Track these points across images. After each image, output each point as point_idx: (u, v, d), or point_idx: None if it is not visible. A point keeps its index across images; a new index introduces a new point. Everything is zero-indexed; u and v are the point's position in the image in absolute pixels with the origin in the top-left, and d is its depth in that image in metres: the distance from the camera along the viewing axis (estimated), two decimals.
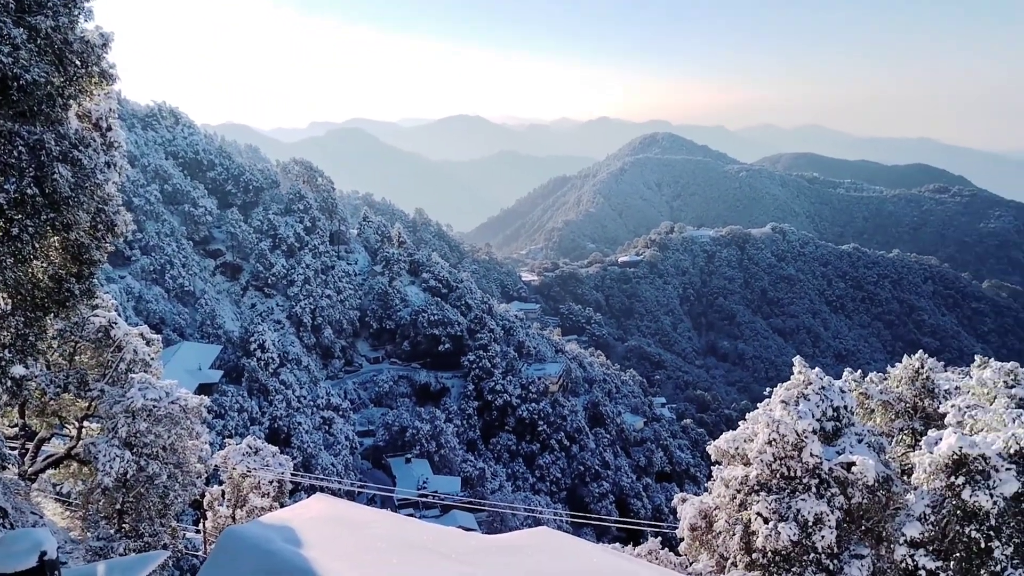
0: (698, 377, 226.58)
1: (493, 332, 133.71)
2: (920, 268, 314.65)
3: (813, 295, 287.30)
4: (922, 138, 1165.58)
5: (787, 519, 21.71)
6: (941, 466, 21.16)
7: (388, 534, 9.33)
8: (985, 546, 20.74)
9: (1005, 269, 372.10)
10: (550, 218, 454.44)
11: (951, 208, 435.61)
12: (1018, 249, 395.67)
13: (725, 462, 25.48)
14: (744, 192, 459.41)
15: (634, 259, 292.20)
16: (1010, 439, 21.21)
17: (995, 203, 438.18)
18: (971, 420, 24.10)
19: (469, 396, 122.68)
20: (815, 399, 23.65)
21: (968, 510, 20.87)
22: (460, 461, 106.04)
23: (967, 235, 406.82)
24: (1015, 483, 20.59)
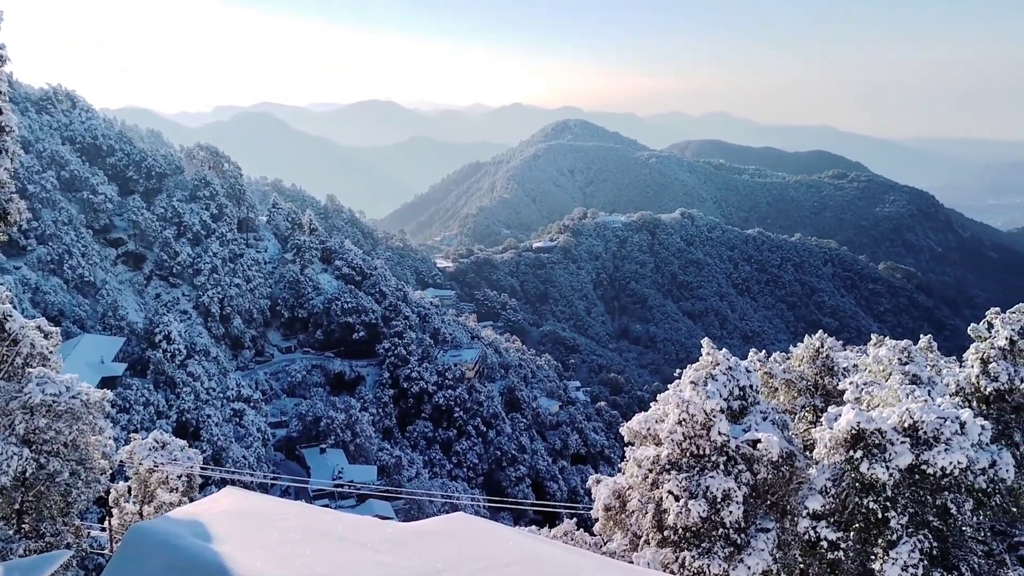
0: (612, 360, 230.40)
1: (408, 319, 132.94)
2: (820, 251, 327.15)
3: (721, 278, 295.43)
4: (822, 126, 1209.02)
5: (697, 496, 22.35)
6: (840, 441, 22.10)
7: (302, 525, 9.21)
8: (882, 516, 21.79)
9: (899, 251, 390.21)
10: (464, 204, 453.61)
11: (849, 193, 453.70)
12: (911, 232, 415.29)
13: (638, 443, 26.01)
14: (654, 178, 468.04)
15: (548, 245, 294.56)
16: (904, 414, 22.29)
17: (890, 188, 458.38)
18: (868, 396, 25.26)
19: (385, 384, 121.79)
20: (723, 379, 24.33)
21: (866, 482, 21.88)
22: (376, 450, 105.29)
23: (864, 219, 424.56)
24: (909, 455, 21.67)
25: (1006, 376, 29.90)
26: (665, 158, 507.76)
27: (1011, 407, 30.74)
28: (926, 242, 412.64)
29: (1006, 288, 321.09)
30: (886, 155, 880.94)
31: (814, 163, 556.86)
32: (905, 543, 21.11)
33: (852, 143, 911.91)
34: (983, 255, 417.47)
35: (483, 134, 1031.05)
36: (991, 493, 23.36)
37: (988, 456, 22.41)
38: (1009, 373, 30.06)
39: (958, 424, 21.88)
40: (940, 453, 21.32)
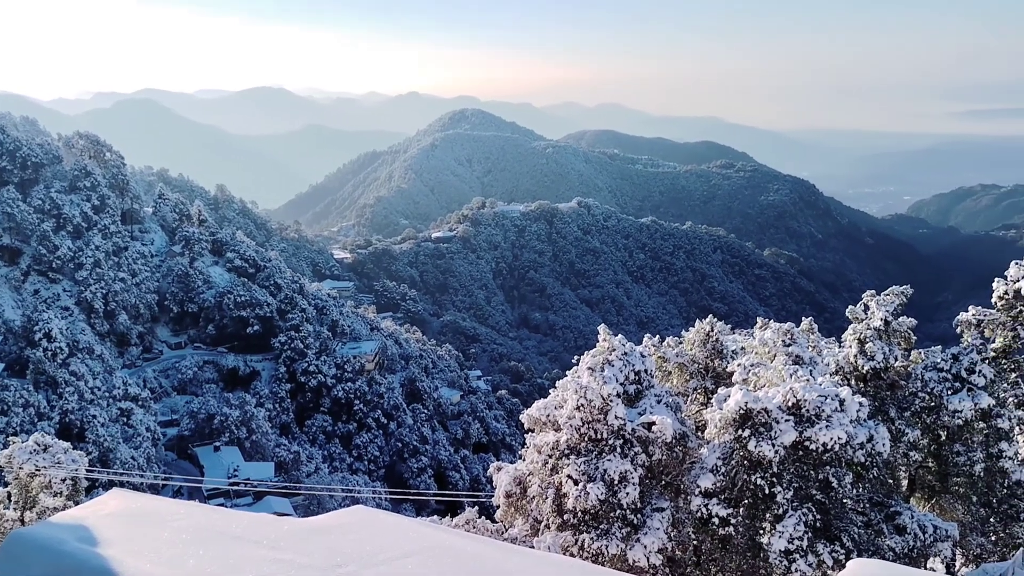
0: (512, 349, 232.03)
1: (305, 312, 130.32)
2: (710, 239, 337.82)
3: (617, 266, 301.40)
4: (710, 117, 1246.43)
5: (595, 479, 22.82)
6: (730, 421, 22.95)
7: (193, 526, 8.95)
8: (769, 492, 22.77)
9: (783, 238, 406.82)
10: (361, 194, 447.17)
11: (736, 183, 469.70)
12: (794, 219, 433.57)
13: (537, 429, 26.34)
14: (551, 168, 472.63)
15: (447, 235, 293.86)
16: (788, 393, 23.33)
17: (774, 178, 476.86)
18: (755, 377, 26.31)
19: (281, 379, 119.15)
20: (619, 364, 24.87)
21: (754, 460, 22.81)
22: (273, 446, 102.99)
23: (750, 207, 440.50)
24: (793, 433, 22.70)
25: (881, 355, 31.67)
26: (562, 148, 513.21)
27: (886, 384, 32.60)
28: (807, 229, 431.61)
29: (881, 272, 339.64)
30: (770, 146, 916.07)
31: (703, 153, 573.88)
32: (791, 516, 22.13)
33: (739, 134, 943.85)
34: (860, 241, 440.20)
35: (380, 123, 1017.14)
36: (869, 466, 24.76)
37: (866, 431, 23.71)
38: (884, 352, 31.86)
39: (838, 402, 23.06)
40: (822, 430, 22.41)
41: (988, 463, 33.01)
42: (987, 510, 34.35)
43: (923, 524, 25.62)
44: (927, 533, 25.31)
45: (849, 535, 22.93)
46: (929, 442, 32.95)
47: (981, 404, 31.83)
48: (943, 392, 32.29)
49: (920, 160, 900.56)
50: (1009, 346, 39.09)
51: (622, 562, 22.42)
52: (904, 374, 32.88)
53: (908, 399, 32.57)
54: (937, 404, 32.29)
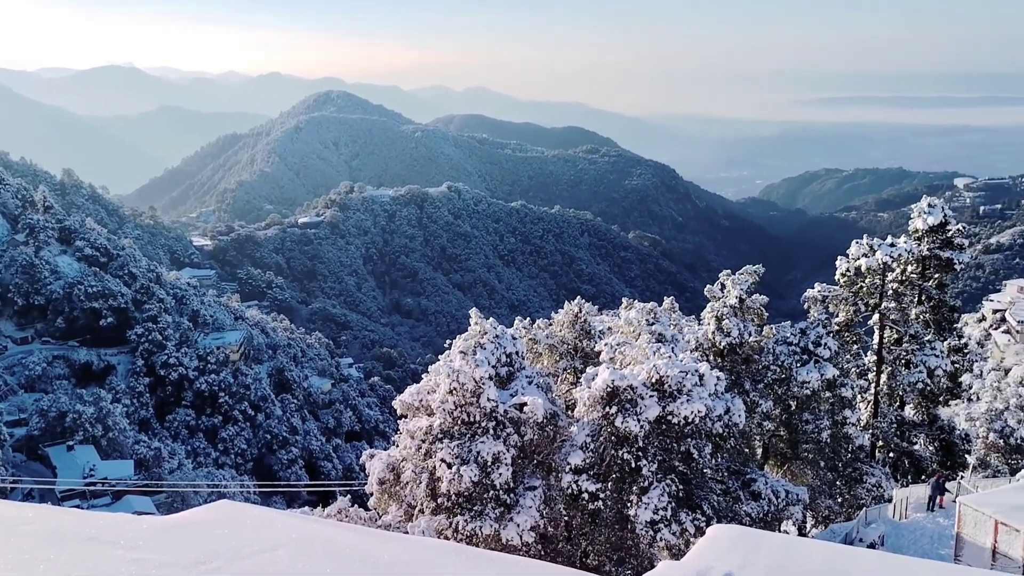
0: (384, 335, 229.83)
1: (163, 302, 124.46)
2: (578, 222, 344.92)
3: (488, 250, 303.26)
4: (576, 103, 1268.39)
5: (468, 462, 23.01)
6: (598, 399, 23.64)
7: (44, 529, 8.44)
8: (635, 465, 23.63)
9: (646, 221, 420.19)
10: (222, 178, 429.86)
11: (602, 167, 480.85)
12: (656, 203, 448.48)
13: (410, 415, 26.29)
14: (421, 152, 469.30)
15: (314, 220, 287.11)
16: (652, 370, 24.23)
17: (637, 163, 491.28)
18: (621, 356, 27.16)
19: (139, 373, 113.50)
20: (491, 347, 25.11)
21: (621, 435, 23.60)
22: (132, 443, 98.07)
23: (615, 191, 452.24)
24: (656, 408, 23.61)
25: (737, 331, 33.34)
26: (431, 132, 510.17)
27: (741, 359, 34.36)
28: (669, 212, 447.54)
29: (736, 252, 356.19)
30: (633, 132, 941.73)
31: (569, 138, 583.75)
32: (655, 488, 23.05)
33: (603, 120, 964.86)
34: (717, 223, 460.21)
35: (239, 104, 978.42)
36: (727, 437, 26.07)
37: (723, 404, 24.94)
38: (739, 328, 33.54)
39: (697, 376, 24.13)
40: (683, 404, 23.41)
41: (834, 430, 35.43)
42: (834, 474, 36.89)
43: (776, 490, 27.24)
44: (780, 498, 26.94)
45: (709, 503, 24.10)
46: (781, 412, 35.03)
47: (827, 375, 34.08)
48: (793, 364, 34.36)
49: (770, 146, 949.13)
50: (851, 320, 42.05)
51: (496, 542, 22.75)
52: (758, 348, 34.76)
53: (761, 372, 34.47)
54: (787, 376, 34.34)
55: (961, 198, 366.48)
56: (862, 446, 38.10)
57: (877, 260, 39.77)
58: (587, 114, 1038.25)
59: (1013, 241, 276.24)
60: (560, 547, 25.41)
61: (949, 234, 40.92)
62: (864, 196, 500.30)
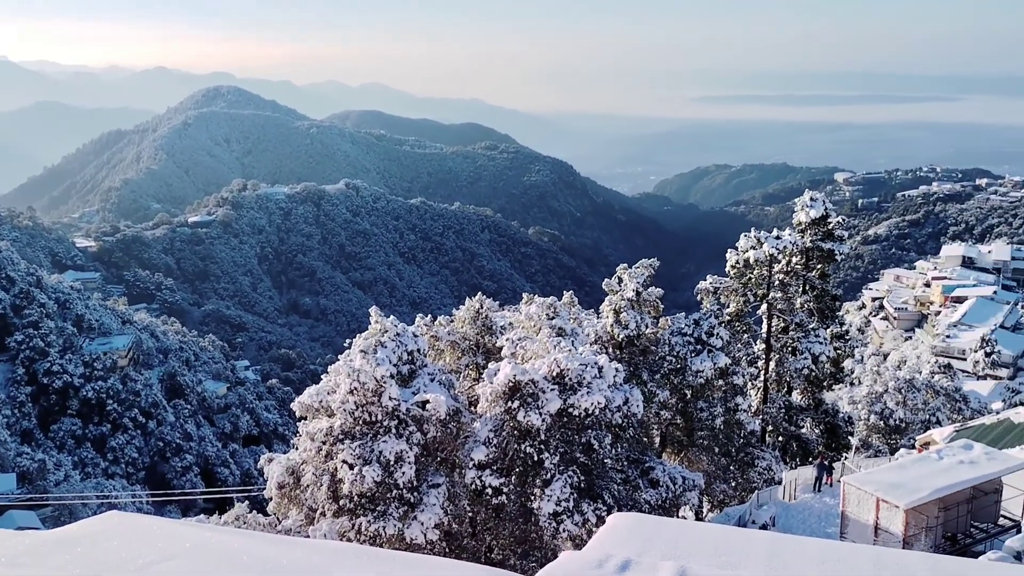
0: (282, 336, 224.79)
1: (44, 307, 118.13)
2: (478, 219, 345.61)
3: (388, 248, 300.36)
4: (473, 99, 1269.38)
5: (371, 462, 22.78)
6: (500, 394, 23.79)
7: None
8: (538, 459, 23.89)
9: (545, 217, 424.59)
10: (106, 177, 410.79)
11: (500, 164, 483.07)
12: (554, 199, 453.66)
13: (310, 416, 25.83)
14: (316, 148, 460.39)
15: (206, 219, 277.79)
16: (552, 363, 24.54)
17: (535, 159, 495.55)
18: (522, 350, 27.41)
19: (20, 381, 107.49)
20: (391, 345, 24.93)
21: (523, 429, 23.82)
22: (14, 455, 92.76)
23: (514, 187, 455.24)
24: (558, 401, 23.94)
25: (634, 323, 34.12)
26: (326, 128, 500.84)
27: (639, 350, 35.21)
28: (567, 208, 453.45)
29: (633, 246, 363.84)
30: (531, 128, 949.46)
31: (468, 135, 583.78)
32: (558, 480, 23.38)
33: (501, 116, 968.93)
34: (614, 218, 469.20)
35: (124, 99, 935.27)
36: (626, 427, 26.65)
37: (622, 395, 25.49)
38: (636, 321, 34.35)
39: (597, 369, 24.59)
40: (583, 396, 23.82)
41: (727, 416, 36.71)
42: (727, 459, 38.23)
43: (674, 476, 28.04)
44: (677, 484, 27.73)
45: (610, 492, 24.61)
46: (677, 401, 36.07)
47: (719, 363, 35.28)
48: (687, 354, 35.42)
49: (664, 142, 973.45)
50: (741, 310, 43.66)
51: (400, 541, 22.62)
52: (654, 340, 35.68)
53: (658, 362, 35.40)
54: (683, 366, 35.38)
55: (841, 192, 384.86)
56: (753, 431, 39.64)
57: (764, 252, 41.39)
58: (485, 111, 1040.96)
59: (889, 232, 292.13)
60: (465, 543, 25.46)
61: (830, 226, 42.95)
62: (752, 191, 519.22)
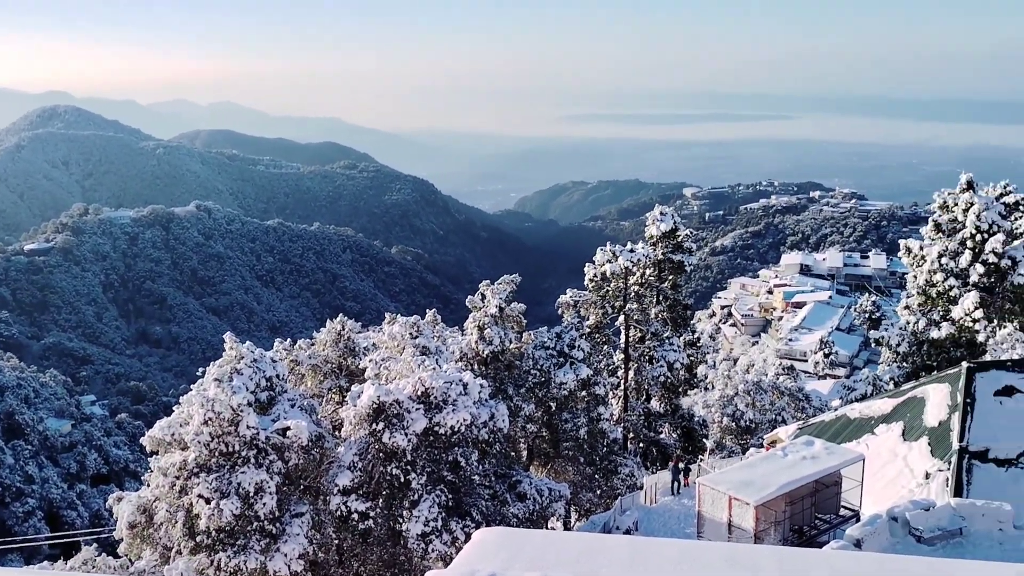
0: (131, 368, 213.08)
1: None
2: (339, 239, 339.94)
3: (244, 271, 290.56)
4: (331, 118, 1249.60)
5: (229, 494, 21.91)
6: (364, 416, 23.44)
7: None
8: (404, 480, 23.67)
9: (408, 235, 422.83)
10: None
11: (360, 183, 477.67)
12: (417, 217, 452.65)
13: (162, 451, 24.62)
14: (164, 170, 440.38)
15: (44, 246, 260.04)
16: (417, 382, 24.42)
17: (396, 178, 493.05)
18: (386, 371, 27.14)
19: None
20: (248, 372, 24.13)
21: (389, 451, 23.55)
22: None
23: (376, 207, 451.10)
24: (423, 420, 23.83)
25: (498, 339, 34.43)
26: (174, 148, 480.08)
27: (504, 365, 35.54)
28: (430, 226, 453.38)
29: (496, 263, 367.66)
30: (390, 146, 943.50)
31: (326, 154, 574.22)
32: (425, 500, 23.23)
33: (359, 135, 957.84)
34: (476, 235, 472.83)
35: None
36: (492, 442, 26.82)
37: (488, 410, 25.65)
38: (500, 336, 34.67)
39: (462, 386, 24.66)
40: (449, 414, 23.83)
41: (590, 426, 37.59)
42: (592, 468, 39.11)
43: (540, 488, 28.42)
44: (544, 496, 28.12)
45: (478, 509, 24.69)
46: (542, 413, 36.64)
47: (581, 375, 36.13)
48: (551, 367, 36.08)
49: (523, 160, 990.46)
50: (600, 322, 44.94)
51: (263, 575, 21.83)
52: (518, 354, 36.14)
53: (523, 376, 35.87)
54: (547, 379, 36.00)
55: (690, 206, 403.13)
56: (616, 439, 40.73)
57: (620, 265, 42.80)
58: (343, 129, 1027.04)
59: (735, 243, 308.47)
60: (331, 572, 24.85)
61: (679, 239, 44.95)
62: (608, 206, 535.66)
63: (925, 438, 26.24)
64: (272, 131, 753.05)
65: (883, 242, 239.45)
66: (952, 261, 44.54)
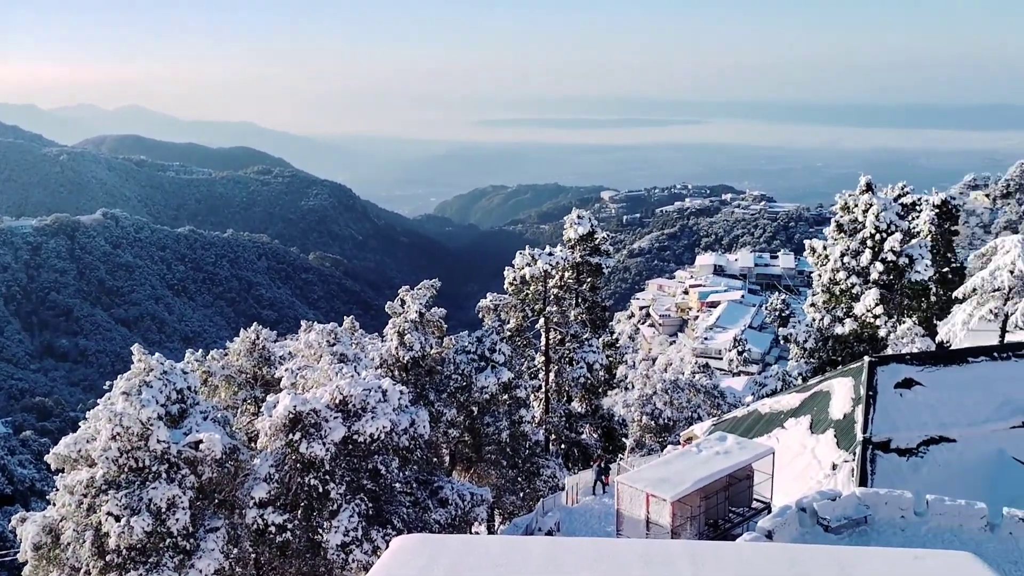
0: (36, 383, 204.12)
1: None
2: (254, 246, 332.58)
3: (155, 280, 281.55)
4: (243, 122, 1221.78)
5: (140, 511, 21.25)
6: (280, 427, 23.04)
7: None
8: (323, 490, 23.34)
9: (326, 241, 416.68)
10: None
11: (275, 188, 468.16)
12: (335, 223, 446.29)
13: (68, 468, 23.70)
14: (68, 177, 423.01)
15: None
16: (335, 391, 24.13)
17: (312, 183, 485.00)
18: (303, 380, 26.74)
19: None
20: (158, 384, 23.45)
21: (306, 461, 23.19)
22: None
23: (292, 212, 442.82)
24: (342, 429, 23.56)
25: (419, 345, 34.30)
26: (79, 155, 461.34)
27: (425, 371, 35.41)
28: (348, 231, 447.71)
29: (417, 268, 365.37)
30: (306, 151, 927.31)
31: (239, 159, 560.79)
32: (345, 510, 22.96)
33: (274, 139, 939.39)
34: (396, 240, 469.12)
35: None
36: (413, 449, 26.70)
37: (408, 417, 25.53)
38: (421, 342, 34.55)
39: (381, 393, 24.48)
40: (368, 421, 23.62)
41: (512, 429, 37.76)
42: (515, 471, 39.28)
43: (463, 493, 28.42)
44: (466, 501, 28.13)
45: (399, 516, 24.54)
46: (464, 418, 36.63)
47: (503, 378, 36.26)
48: (472, 371, 36.11)
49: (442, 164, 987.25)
50: (521, 325, 45.20)
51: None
52: (440, 359, 36.06)
53: (444, 382, 35.81)
54: (468, 383, 36.02)
55: (607, 209, 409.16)
56: (538, 441, 41.04)
57: (539, 268, 43.16)
58: (257, 134, 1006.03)
59: (651, 245, 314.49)
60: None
61: (596, 242, 45.60)
62: (528, 210, 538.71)
63: (831, 431, 27.26)
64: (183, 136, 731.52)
65: (791, 242, 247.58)
66: (854, 260, 46.38)
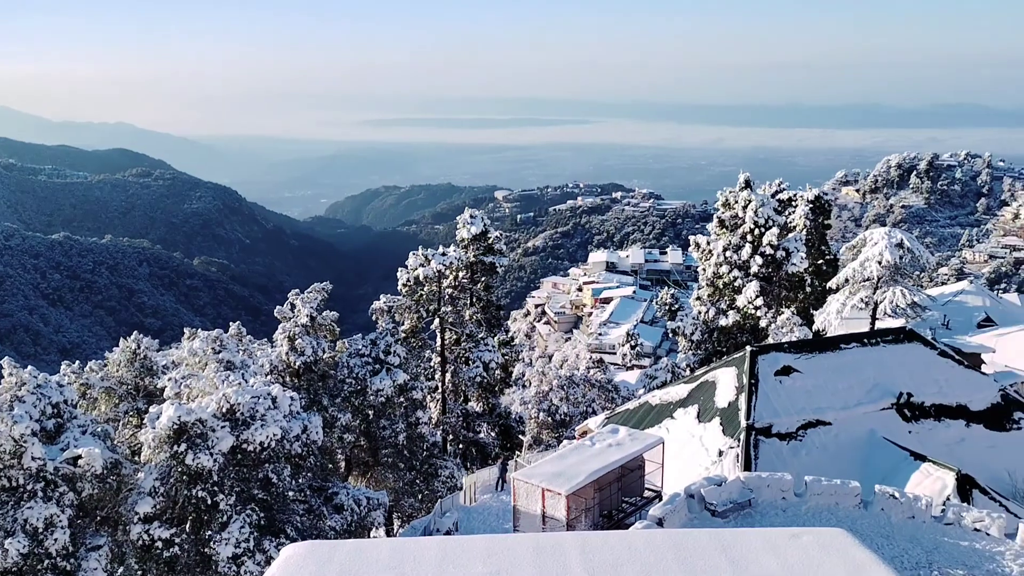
0: None
1: None
2: (134, 251, 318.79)
3: (27, 290, 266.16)
4: (120, 123, 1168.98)
5: (14, 532, 20.14)
6: (164, 438, 22.22)
7: None
8: (212, 502, 22.65)
9: (212, 246, 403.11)
10: None
11: (156, 191, 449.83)
12: (220, 226, 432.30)
13: None
14: None
15: None
16: (221, 399, 23.45)
17: (196, 185, 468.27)
18: (188, 389, 25.85)
19: None
20: (31, 399, 22.29)
21: (193, 473, 22.45)
22: None
23: (174, 216, 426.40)
24: (230, 438, 22.92)
25: (311, 349, 33.72)
26: None
27: (318, 376, 34.82)
28: (235, 235, 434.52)
29: (308, 271, 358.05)
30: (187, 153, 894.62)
31: (116, 161, 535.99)
32: (235, 521, 22.35)
33: (153, 141, 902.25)
34: (287, 243, 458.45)
35: None
36: (306, 456, 26.23)
37: (300, 423, 25.06)
38: (313, 346, 33.98)
39: (271, 400, 23.95)
40: (258, 430, 23.06)
41: (409, 431, 37.58)
42: (413, 473, 39.10)
43: (358, 498, 28.10)
44: (363, 506, 27.83)
45: (293, 525, 24.07)
46: (360, 422, 36.21)
47: (398, 380, 36.04)
48: (367, 375, 35.75)
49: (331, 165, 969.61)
50: (416, 326, 45.02)
51: None
52: (333, 364, 35.53)
53: (338, 386, 35.30)
54: (363, 387, 35.64)
55: (501, 208, 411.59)
56: (435, 442, 40.99)
57: (432, 269, 43.10)
58: (135, 135, 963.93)
59: (546, 244, 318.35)
60: None
61: (490, 241, 45.87)
62: (421, 210, 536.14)
63: (717, 418, 28.33)
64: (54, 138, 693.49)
65: (679, 238, 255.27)
66: (735, 254, 48.28)
